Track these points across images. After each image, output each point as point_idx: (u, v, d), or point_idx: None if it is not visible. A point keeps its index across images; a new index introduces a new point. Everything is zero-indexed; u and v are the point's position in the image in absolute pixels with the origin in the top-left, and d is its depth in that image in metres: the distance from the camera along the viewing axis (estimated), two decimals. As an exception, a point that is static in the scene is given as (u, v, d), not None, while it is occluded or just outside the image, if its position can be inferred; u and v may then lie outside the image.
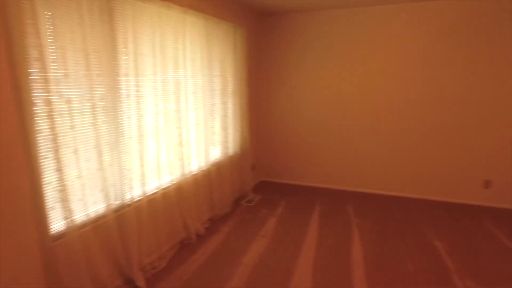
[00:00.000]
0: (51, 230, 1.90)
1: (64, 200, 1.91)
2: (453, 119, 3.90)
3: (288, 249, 2.98)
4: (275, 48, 4.53)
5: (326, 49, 4.29)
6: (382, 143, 4.26)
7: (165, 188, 2.82)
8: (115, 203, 2.33)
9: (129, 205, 2.41)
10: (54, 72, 1.83)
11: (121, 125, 2.31)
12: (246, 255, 2.89)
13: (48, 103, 1.79)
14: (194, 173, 3.24)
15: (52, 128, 1.82)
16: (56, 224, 1.94)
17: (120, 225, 2.36)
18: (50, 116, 1.81)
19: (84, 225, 2.09)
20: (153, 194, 2.68)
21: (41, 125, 1.78)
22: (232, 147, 4.04)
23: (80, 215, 2.07)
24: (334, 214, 3.74)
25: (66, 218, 1.94)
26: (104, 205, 2.24)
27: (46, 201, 1.84)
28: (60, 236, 1.93)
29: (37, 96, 1.74)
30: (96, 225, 2.17)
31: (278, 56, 4.54)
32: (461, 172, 3.97)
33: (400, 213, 3.74)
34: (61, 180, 1.88)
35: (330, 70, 4.32)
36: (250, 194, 4.36)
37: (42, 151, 1.80)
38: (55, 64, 1.84)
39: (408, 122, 4.10)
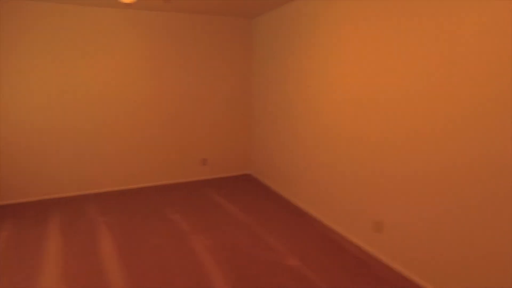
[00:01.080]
0: None
1: None
2: (174, 115, 4.66)
3: (25, 272, 2.60)
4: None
5: (44, 46, 3.87)
6: (114, 141, 4.41)
7: None
8: None
9: None
10: None
11: None
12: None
13: None
14: None
15: None
16: None
17: None
18: None
19: None
20: None
21: None
22: None
23: None
24: (76, 219, 3.56)
25: None
26: None
27: None
28: None
29: None
30: None
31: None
32: (185, 157, 4.84)
33: (142, 201, 4.08)
34: None
35: (49, 69, 3.94)
36: (-50, 228, 3.29)
37: None
38: None
39: (136, 120, 4.47)
